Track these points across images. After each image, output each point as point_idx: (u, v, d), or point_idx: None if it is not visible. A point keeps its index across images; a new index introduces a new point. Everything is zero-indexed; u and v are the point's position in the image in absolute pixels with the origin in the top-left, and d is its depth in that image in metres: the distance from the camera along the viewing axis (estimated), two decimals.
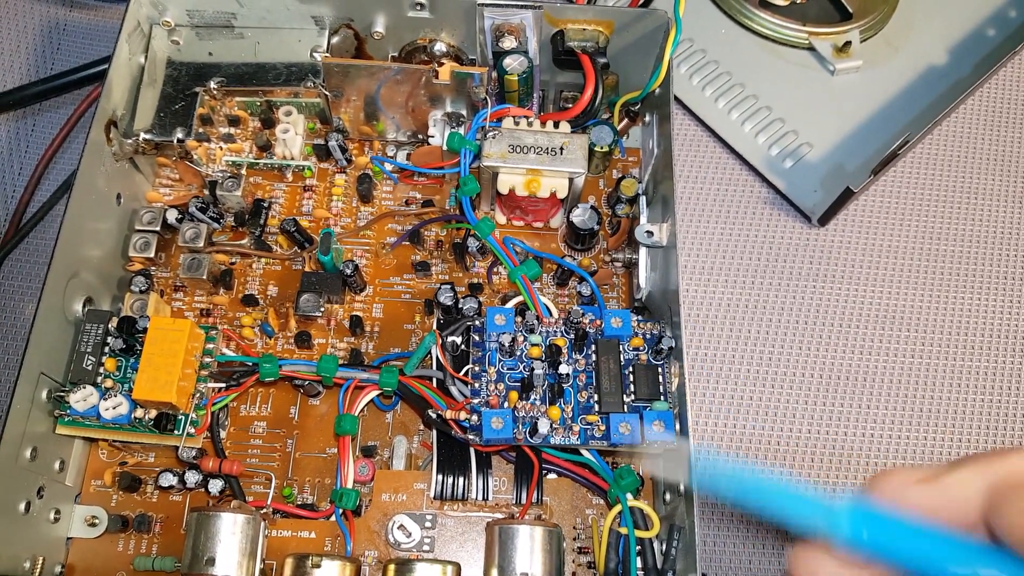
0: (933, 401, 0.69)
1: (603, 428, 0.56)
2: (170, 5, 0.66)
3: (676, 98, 0.75)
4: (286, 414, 0.63)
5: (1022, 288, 0.74)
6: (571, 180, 0.63)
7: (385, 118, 0.69)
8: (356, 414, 0.59)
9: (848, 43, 0.78)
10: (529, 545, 0.53)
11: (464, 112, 0.67)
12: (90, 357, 0.57)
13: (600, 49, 0.67)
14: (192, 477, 0.58)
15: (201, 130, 0.67)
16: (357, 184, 0.69)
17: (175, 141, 0.65)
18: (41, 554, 0.55)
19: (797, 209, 0.75)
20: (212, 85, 0.67)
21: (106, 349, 0.58)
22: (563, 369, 0.56)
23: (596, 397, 0.56)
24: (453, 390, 0.58)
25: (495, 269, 0.67)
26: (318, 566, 0.52)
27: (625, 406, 0.56)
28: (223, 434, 0.61)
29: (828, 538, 0.36)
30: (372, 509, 0.58)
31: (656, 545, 0.55)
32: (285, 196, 0.69)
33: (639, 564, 0.54)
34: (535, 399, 0.56)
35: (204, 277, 0.64)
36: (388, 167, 0.70)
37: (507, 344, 0.57)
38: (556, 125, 0.64)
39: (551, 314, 0.61)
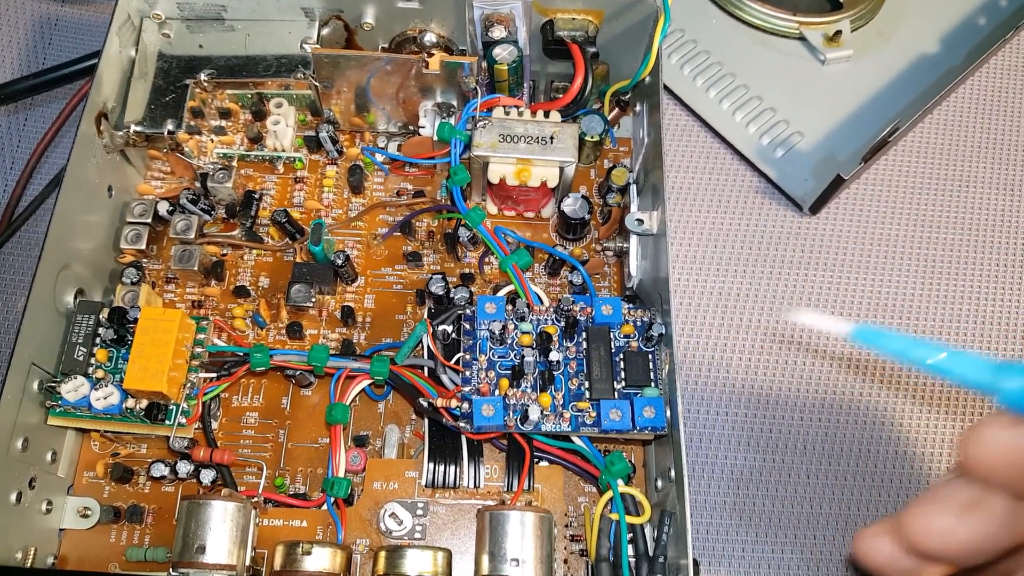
0: (925, 389, 0.69)
1: (594, 415, 0.56)
2: None
3: (667, 88, 0.76)
4: (278, 404, 0.63)
5: (1014, 276, 0.74)
6: (562, 169, 0.63)
7: (376, 109, 0.69)
8: (348, 403, 0.59)
9: (839, 32, 0.78)
10: (520, 531, 0.53)
11: (454, 102, 0.67)
12: (81, 348, 0.57)
13: (590, 38, 0.67)
14: (184, 467, 0.58)
15: (192, 122, 0.67)
16: (348, 175, 0.69)
17: (166, 133, 0.65)
18: (33, 545, 0.56)
19: (788, 197, 0.75)
20: (203, 77, 0.67)
21: (97, 340, 0.58)
22: (554, 356, 0.56)
23: (587, 384, 0.57)
24: (444, 378, 0.58)
25: (486, 259, 0.67)
26: (308, 553, 0.52)
27: (616, 392, 0.56)
28: (215, 425, 0.61)
29: (992, 394, 0.38)
30: (364, 497, 0.58)
31: (648, 531, 0.55)
32: (276, 188, 0.69)
33: (631, 550, 0.54)
34: (526, 386, 0.56)
35: (195, 269, 0.64)
36: (379, 158, 0.70)
37: (498, 332, 0.57)
38: (546, 115, 0.64)
39: (542, 302, 0.61)
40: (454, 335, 0.59)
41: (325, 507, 0.57)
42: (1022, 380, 0.38)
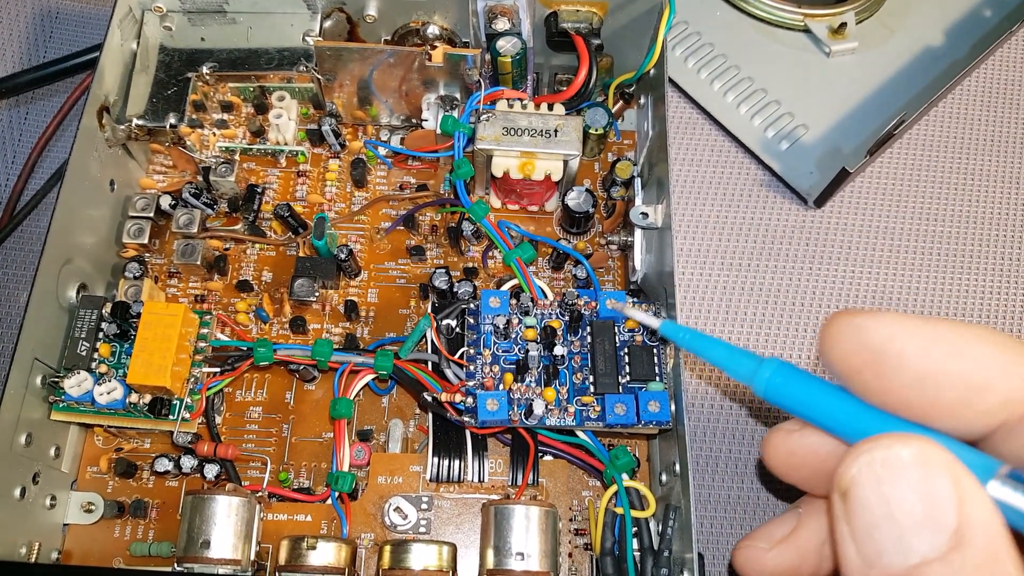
0: None
1: (598, 409, 0.55)
2: None
3: (671, 81, 0.75)
4: (282, 399, 0.63)
5: (1018, 269, 0.73)
6: (566, 162, 0.63)
7: (378, 102, 0.68)
8: (351, 398, 0.59)
9: (844, 25, 0.78)
10: (525, 524, 0.53)
11: (458, 95, 0.67)
12: (84, 343, 0.57)
13: (594, 30, 0.66)
14: (188, 462, 0.58)
15: (194, 116, 0.66)
16: (351, 169, 0.68)
17: (168, 127, 0.65)
18: (37, 540, 0.55)
19: (793, 191, 0.74)
20: (205, 71, 0.66)
21: (100, 335, 0.57)
22: (558, 351, 0.56)
23: (591, 378, 0.56)
24: (448, 373, 0.58)
25: (490, 253, 0.67)
26: (313, 548, 0.52)
27: (620, 387, 0.56)
28: (219, 420, 0.61)
29: (750, 384, 0.42)
30: (368, 492, 0.58)
31: (652, 525, 0.55)
32: (279, 181, 0.69)
33: (635, 544, 0.54)
34: (530, 381, 0.56)
35: (198, 263, 0.64)
36: (382, 151, 0.69)
37: (502, 326, 0.57)
38: (550, 107, 0.64)
39: (546, 296, 0.61)
40: (458, 329, 0.59)
41: (329, 501, 0.57)
42: (769, 374, 0.41)
